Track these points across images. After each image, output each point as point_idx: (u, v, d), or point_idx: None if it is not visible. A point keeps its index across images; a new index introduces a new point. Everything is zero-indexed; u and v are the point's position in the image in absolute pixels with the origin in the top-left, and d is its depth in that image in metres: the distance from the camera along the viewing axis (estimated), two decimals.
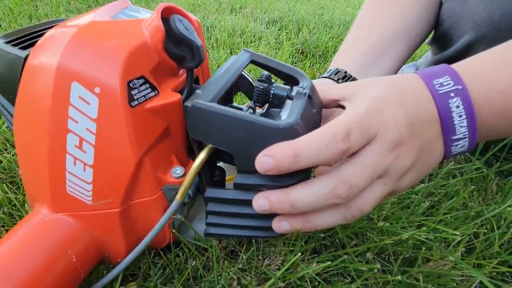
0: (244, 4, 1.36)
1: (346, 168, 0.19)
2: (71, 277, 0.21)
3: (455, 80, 0.21)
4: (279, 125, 0.18)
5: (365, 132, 0.19)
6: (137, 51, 0.20)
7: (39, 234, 0.21)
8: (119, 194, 0.22)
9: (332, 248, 0.35)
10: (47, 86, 0.19)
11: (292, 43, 0.93)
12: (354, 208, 0.20)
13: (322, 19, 1.27)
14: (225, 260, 0.31)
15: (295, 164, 0.18)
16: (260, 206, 0.20)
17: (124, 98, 0.20)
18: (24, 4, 0.95)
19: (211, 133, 0.20)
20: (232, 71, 0.23)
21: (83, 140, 0.20)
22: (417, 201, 0.40)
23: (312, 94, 0.23)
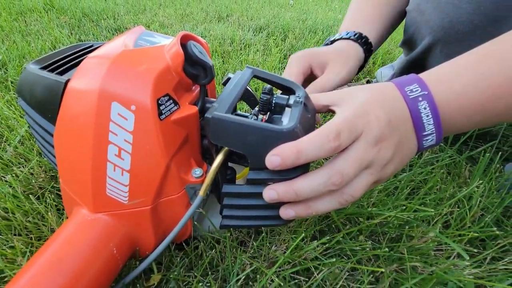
0: (230, 12, 1.40)
1: (339, 161, 0.23)
2: (113, 267, 0.25)
3: (422, 87, 0.26)
4: (283, 130, 0.23)
5: (353, 130, 0.23)
6: (162, 73, 0.24)
7: (84, 231, 0.25)
8: (151, 194, 0.26)
9: (329, 233, 0.40)
10: (90, 106, 0.23)
11: (280, 49, 0.98)
12: (346, 194, 0.24)
13: (306, 25, 1.33)
14: (237, 249, 0.36)
15: (297, 160, 0.22)
16: (269, 196, 0.24)
17: (154, 113, 0.24)
18: (14, 20, 0.96)
19: (229, 139, 0.24)
20: (240, 85, 0.28)
21: (122, 149, 0.24)
22: (400, 188, 0.45)
23: (307, 102, 0.28)
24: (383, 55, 1.01)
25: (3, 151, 0.47)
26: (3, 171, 0.43)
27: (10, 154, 0.46)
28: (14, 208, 0.37)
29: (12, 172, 0.43)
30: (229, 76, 0.33)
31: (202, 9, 1.42)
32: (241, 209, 0.27)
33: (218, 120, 0.23)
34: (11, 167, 0.44)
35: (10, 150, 0.47)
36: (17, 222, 0.36)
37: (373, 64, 0.97)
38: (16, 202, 0.38)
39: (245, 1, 1.68)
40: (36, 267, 0.22)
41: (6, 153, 0.46)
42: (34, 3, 1.13)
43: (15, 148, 0.47)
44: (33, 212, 0.38)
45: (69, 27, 0.99)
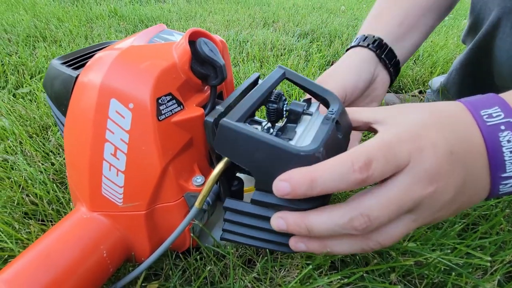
0: (276, 18, 1.39)
1: (366, 199, 0.18)
2: (101, 270, 0.24)
3: (506, 111, 0.19)
4: (300, 152, 0.19)
5: (392, 159, 0.18)
6: (166, 71, 0.23)
7: (77, 229, 0.24)
8: (146, 198, 0.24)
9: (353, 265, 0.34)
10: (91, 101, 0.22)
11: (323, 55, 0.93)
12: (373, 241, 0.19)
13: (356, 31, 1.25)
14: (241, 268, 0.32)
15: (310, 190, 0.18)
16: (278, 226, 0.20)
17: (153, 113, 0.22)
18: (81, 26, 1.08)
19: (234, 151, 0.20)
20: (264, 89, 0.24)
21: (118, 149, 0.23)
22: (450, 222, 0.37)
23: (340, 119, 0.23)
24: (443, 64, 0.89)
25: (46, 141, 0.51)
26: (44, 159, 0.47)
27: (52, 145, 0.50)
28: (42, 194, 0.39)
29: (50, 161, 0.47)
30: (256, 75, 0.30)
31: (249, 15, 1.44)
32: (244, 227, 0.24)
33: (226, 128, 0.20)
34: (50, 156, 0.47)
35: (53, 140, 0.51)
36: (43, 208, 0.38)
37: (430, 74, 0.86)
38: (45, 188, 0.41)
39: (293, 7, 1.66)
40: (25, 260, 0.22)
41: (50, 143, 0.50)
42: (101, 11, 1.27)
43: (57, 139, 0.51)
44: (57, 201, 0.40)
45: (125, 31, 1.09)
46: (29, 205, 0.39)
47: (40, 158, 0.47)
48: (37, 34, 0.93)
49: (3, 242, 0.33)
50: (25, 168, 0.43)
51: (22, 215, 0.38)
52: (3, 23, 0.97)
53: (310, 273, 0.32)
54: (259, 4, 1.70)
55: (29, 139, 0.50)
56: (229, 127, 0.20)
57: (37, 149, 0.48)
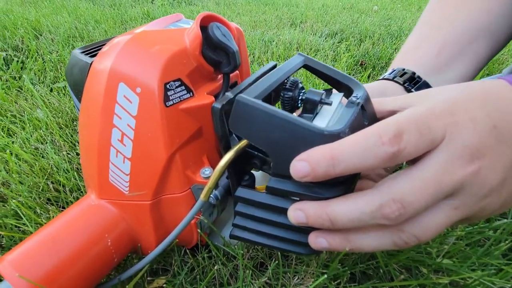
0: (304, 19, 1.37)
1: (399, 182, 0.16)
2: (106, 259, 0.23)
3: None
4: (323, 131, 0.17)
5: (426, 132, 0.15)
6: (176, 56, 0.22)
7: (84, 216, 0.24)
8: (151, 187, 0.23)
9: (375, 278, 0.31)
10: (101, 86, 0.22)
11: (352, 54, 0.89)
12: (408, 233, 0.16)
13: (388, 30, 1.18)
14: (252, 271, 0.30)
15: (332, 168, 0.16)
16: (296, 218, 0.18)
17: (160, 98, 0.21)
18: (116, 27, 1.14)
19: (251, 130, 0.18)
20: (281, 72, 0.22)
21: (124, 134, 0.22)
22: (495, 240, 0.32)
23: (366, 105, 0.21)
24: (489, 64, 0.80)
25: (74, 132, 0.53)
26: (70, 149, 0.49)
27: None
28: (65, 182, 0.41)
29: (75, 151, 0.49)
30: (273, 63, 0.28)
31: (277, 16, 1.42)
32: (257, 221, 0.22)
33: (242, 104, 0.18)
34: (76, 147, 0.49)
35: None
36: (65, 195, 0.40)
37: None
38: (68, 176, 0.42)
39: (322, 8, 1.62)
40: (31, 243, 0.22)
41: (77, 134, 0.53)
42: (135, 13, 1.33)
43: None
44: (78, 189, 0.41)
45: None
46: (53, 192, 0.40)
47: (68, 148, 0.49)
48: (76, 35, 1.00)
49: (25, 225, 0.34)
50: (52, 157, 0.45)
51: (45, 200, 0.39)
52: (48, 24, 1.05)
53: (325, 284, 0.29)
54: (287, 5, 1.68)
55: (59, 130, 0.53)
56: (245, 103, 0.18)
57: (65, 140, 0.51)
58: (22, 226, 0.34)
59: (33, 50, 0.85)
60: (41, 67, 0.77)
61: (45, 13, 1.22)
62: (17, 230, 0.35)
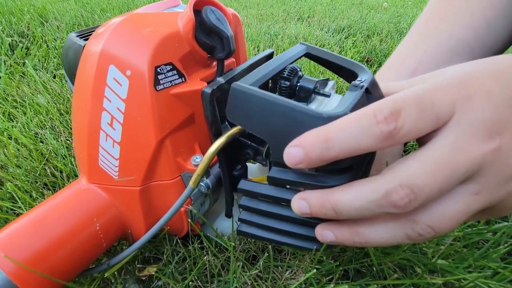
0: (312, 13, 1.34)
1: (406, 165, 0.14)
2: (94, 243, 0.23)
3: None
4: (322, 115, 0.16)
5: (428, 108, 0.14)
6: (168, 39, 0.21)
7: (74, 199, 0.23)
8: (141, 173, 0.23)
9: (368, 276, 0.30)
10: (92, 69, 0.22)
11: (358, 50, 0.87)
12: (422, 224, 0.15)
13: (397, 27, 1.16)
14: (244, 263, 0.30)
15: (326, 151, 0.14)
16: (300, 209, 0.17)
17: (150, 82, 0.21)
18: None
19: (249, 118, 0.18)
20: (280, 60, 0.21)
21: (114, 118, 0.21)
22: (493, 242, 0.31)
23: (372, 89, 0.20)
24: None
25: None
26: (69, 135, 0.49)
27: None
28: (62, 167, 0.41)
29: None
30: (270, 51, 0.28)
31: (284, 10, 1.40)
32: (262, 215, 0.21)
33: (238, 92, 0.17)
34: None
35: None
36: (62, 181, 0.40)
37: None
38: (65, 162, 0.42)
39: (330, 3, 1.59)
40: (20, 224, 0.22)
41: None
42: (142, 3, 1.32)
43: None
44: (75, 175, 0.41)
45: None
46: (50, 177, 0.40)
47: (67, 134, 0.49)
48: (82, 23, 1.00)
49: (20, 208, 0.34)
50: (51, 142, 0.45)
51: (42, 185, 0.39)
52: (54, 11, 1.06)
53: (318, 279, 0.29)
54: None
55: (59, 116, 0.53)
56: (241, 90, 0.17)
57: (65, 126, 0.51)
58: (17, 209, 0.34)
59: (38, 37, 0.85)
60: (45, 54, 0.77)
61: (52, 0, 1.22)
62: (12, 213, 0.35)
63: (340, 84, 0.64)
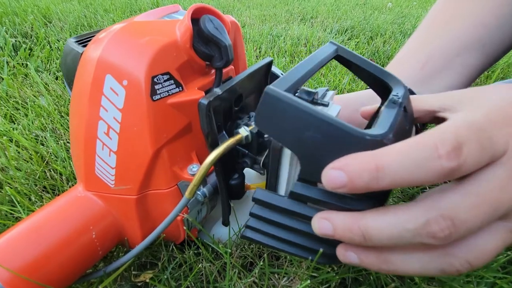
0: (315, 14, 1.34)
1: (449, 196, 0.14)
2: (90, 251, 0.23)
3: None
4: (364, 136, 0.14)
5: (487, 145, 0.13)
6: (165, 48, 0.21)
7: (70, 207, 0.23)
8: (137, 182, 0.23)
9: (366, 285, 0.30)
10: (89, 77, 0.21)
11: (361, 52, 0.87)
12: (460, 259, 0.14)
13: (401, 28, 1.15)
14: (240, 270, 0.30)
15: (375, 182, 0.13)
16: (321, 229, 0.16)
17: (147, 92, 0.20)
18: (125, 16, 1.14)
19: (281, 128, 0.16)
20: (313, 62, 0.19)
21: (110, 127, 0.21)
22: None
23: (407, 105, 0.18)
24: (504, 68, 0.77)
25: None
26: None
27: None
28: (62, 170, 0.41)
29: None
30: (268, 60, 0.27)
31: (287, 10, 1.40)
32: (274, 226, 0.20)
33: (272, 97, 0.16)
34: None
35: None
36: (61, 184, 0.40)
37: (486, 78, 0.75)
38: (65, 165, 0.42)
39: (334, 3, 1.58)
40: (15, 232, 0.22)
41: None
42: (145, 3, 1.32)
43: None
44: (74, 178, 0.41)
45: None
46: (49, 180, 0.41)
47: (67, 137, 0.49)
48: (85, 23, 1.00)
49: (19, 213, 0.35)
50: (51, 145, 0.45)
51: (41, 188, 0.39)
52: (58, 12, 1.06)
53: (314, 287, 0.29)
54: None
55: (60, 118, 0.53)
56: (275, 96, 0.16)
57: (66, 128, 0.51)
58: (16, 213, 0.35)
59: (42, 38, 0.85)
60: (48, 55, 0.77)
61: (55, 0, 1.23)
62: (11, 217, 0.35)
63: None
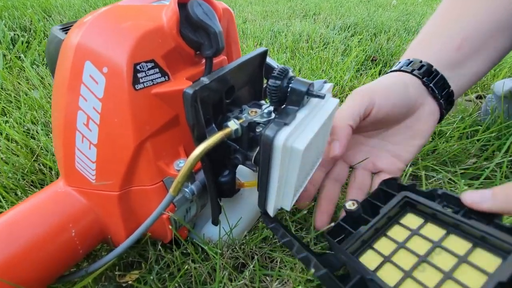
0: (318, 10, 1.32)
1: None
2: (68, 251, 0.22)
3: None
4: None
5: None
6: (150, 34, 0.20)
7: (49, 203, 0.22)
8: (119, 177, 0.21)
9: None
10: (68, 64, 0.20)
11: (363, 49, 0.85)
12: None
13: (406, 26, 1.12)
14: (231, 272, 0.28)
15: None
16: None
17: (128, 80, 0.19)
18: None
19: None
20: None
21: (90, 118, 0.20)
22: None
23: None
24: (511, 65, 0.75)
25: None
26: None
27: None
28: (51, 165, 0.40)
29: None
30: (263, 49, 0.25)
31: (289, 7, 1.38)
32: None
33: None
34: None
35: None
36: (50, 178, 0.39)
37: (493, 77, 0.73)
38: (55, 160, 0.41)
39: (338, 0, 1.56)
40: None
41: None
42: None
43: None
44: None
45: None
46: (39, 174, 0.39)
47: None
48: None
49: (3, 208, 0.33)
50: (42, 139, 0.44)
51: (29, 182, 0.38)
52: (58, 5, 1.05)
53: None
54: None
55: None
56: None
57: None
58: (1, 209, 0.33)
59: (39, 31, 0.84)
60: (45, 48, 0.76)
61: None
62: None
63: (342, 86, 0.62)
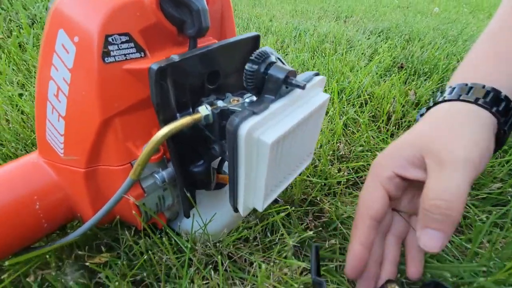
0: (350, 13, 1.26)
1: None
2: (31, 223, 0.21)
3: None
4: None
5: None
6: (127, 6, 0.18)
7: (17, 173, 0.22)
8: (84, 154, 0.20)
9: None
10: (45, 31, 0.19)
11: (392, 54, 0.79)
12: None
13: (444, 34, 1.04)
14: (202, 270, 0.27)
15: None
16: None
17: (98, 52, 0.18)
18: None
19: None
20: None
21: (60, 89, 0.19)
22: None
23: None
24: None
25: None
26: None
27: None
28: None
29: None
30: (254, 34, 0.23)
31: (321, 7, 1.34)
32: None
33: None
34: None
35: None
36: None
37: None
38: None
39: (373, 3, 1.49)
40: None
41: None
42: None
43: None
44: None
45: None
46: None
47: None
48: None
49: None
50: None
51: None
52: None
53: None
54: None
55: None
56: None
57: None
58: None
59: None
60: None
61: None
62: None
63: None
